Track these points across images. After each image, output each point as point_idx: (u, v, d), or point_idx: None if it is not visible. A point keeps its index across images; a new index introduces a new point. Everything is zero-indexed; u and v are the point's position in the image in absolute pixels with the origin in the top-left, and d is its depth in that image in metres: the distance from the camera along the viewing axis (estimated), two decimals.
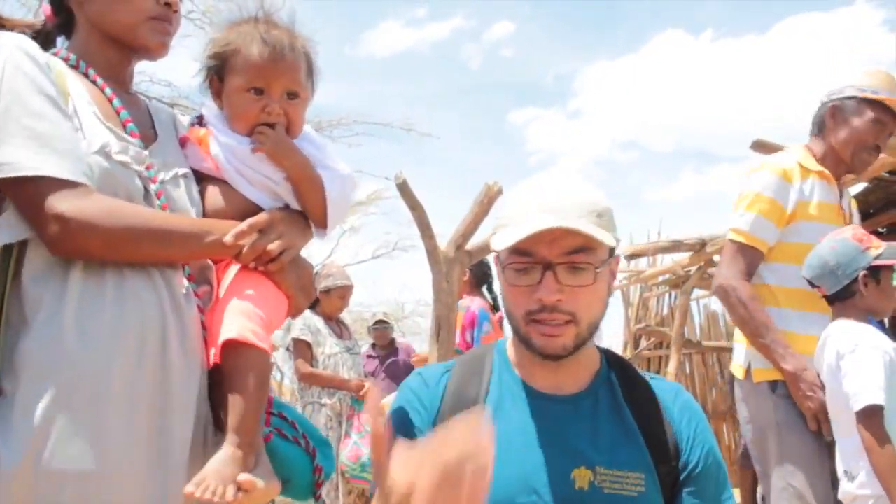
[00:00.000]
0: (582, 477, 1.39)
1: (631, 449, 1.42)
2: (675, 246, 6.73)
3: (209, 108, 1.62)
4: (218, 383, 1.44)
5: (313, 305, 5.00)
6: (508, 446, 1.39)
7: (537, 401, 1.46)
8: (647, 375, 1.56)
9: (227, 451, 1.33)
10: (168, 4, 1.49)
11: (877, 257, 2.53)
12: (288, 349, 4.99)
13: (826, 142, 2.85)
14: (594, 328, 1.45)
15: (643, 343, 9.24)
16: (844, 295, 2.57)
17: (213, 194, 1.55)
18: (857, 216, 3.02)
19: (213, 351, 1.44)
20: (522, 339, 1.44)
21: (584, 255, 1.40)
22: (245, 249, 1.44)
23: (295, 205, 1.58)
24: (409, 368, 5.58)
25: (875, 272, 2.54)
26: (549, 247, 1.39)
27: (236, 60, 1.54)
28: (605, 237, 1.39)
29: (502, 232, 1.43)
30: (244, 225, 1.44)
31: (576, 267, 1.39)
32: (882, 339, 2.47)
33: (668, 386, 1.54)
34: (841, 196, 2.86)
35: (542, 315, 1.39)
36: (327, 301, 5.11)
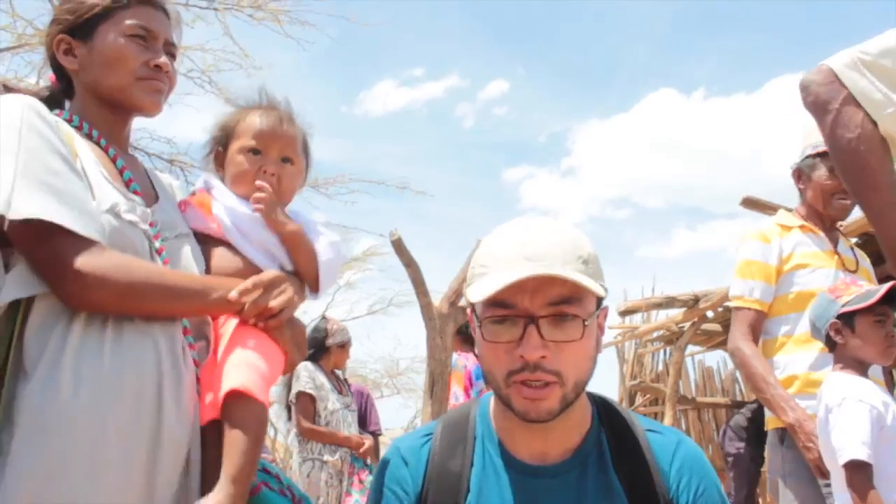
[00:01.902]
0: None
1: None
2: (669, 302, 6.78)
3: (212, 176, 1.74)
4: (209, 443, 1.45)
5: (318, 359, 5.01)
6: None
7: (520, 476, 1.36)
8: (645, 426, 1.43)
9: (215, 499, 1.34)
10: (158, 67, 1.56)
11: (845, 304, 2.53)
12: (289, 405, 4.93)
13: (803, 201, 3.07)
14: (581, 388, 1.33)
15: (638, 399, 9.21)
16: (832, 347, 2.60)
17: (217, 254, 1.63)
18: (866, 262, 3.12)
19: (207, 400, 1.47)
20: (504, 402, 1.32)
21: (571, 306, 1.28)
22: (248, 306, 1.49)
23: (289, 266, 1.67)
24: (362, 414, 5.43)
25: (848, 320, 2.54)
26: (531, 298, 1.26)
27: (240, 128, 1.70)
28: (592, 285, 1.27)
29: (479, 281, 1.30)
30: (249, 283, 1.49)
31: (562, 319, 1.27)
32: (871, 391, 2.45)
33: (667, 441, 1.40)
34: (837, 243, 3.00)
35: (524, 375, 1.26)
36: (340, 354, 5.13)
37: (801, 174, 3.02)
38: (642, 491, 1.34)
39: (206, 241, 1.65)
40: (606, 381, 10.04)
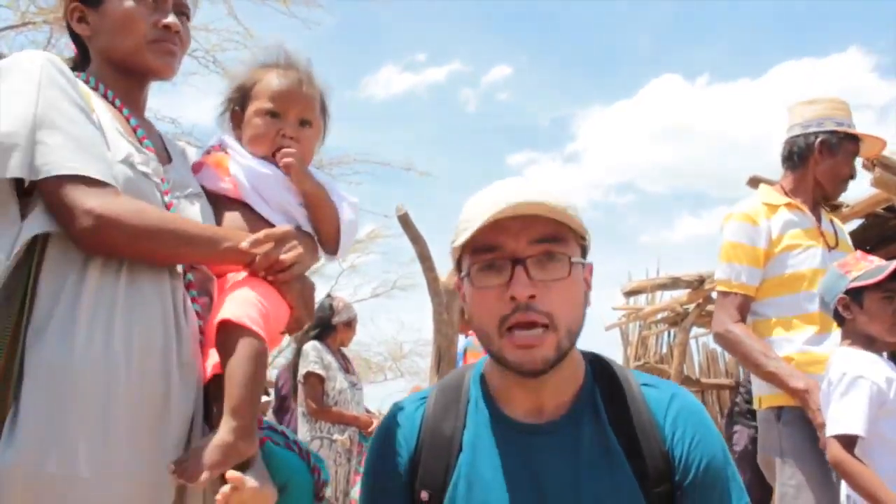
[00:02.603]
0: None
1: (616, 480, 1.32)
2: (674, 283, 6.77)
3: (228, 136, 1.72)
4: (214, 397, 1.45)
5: (324, 336, 5.01)
6: (487, 488, 1.34)
7: (514, 434, 1.37)
8: (641, 381, 1.43)
9: (217, 436, 1.32)
10: (167, 27, 1.55)
11: (854, 279, 2.53)
12: (296, 385, 4.91)
13: (804, 173, 2.98)
14: (574, 336, 1.32)
15: None
16: (840, 322, 2.60)
17: (231, 215, 1.62)
18: (844, 234, 3.11)
19: (210, 358, 1.46)
20: (497, 357, 1.32)
21: (556, 244, 1.29)
22: (258, 258, 1.48)
23: (307, 227, 1.66)
24: None
25: (857, 295, 2.54)
26: (515, 238, 1.28)
27: (257, 89, 1.68)
28: (575, 218, 1.30)
29: (463, 233, 1.32)
30: (261, 234, 1.49)
31: (548, 259, 1.29)
32: (874, 367, 2.45)
33: (661, 395, 1.40)
34: (820, 220, 2.97)
35: (517, 317, 1.26)
36: (347, 332, 5.14)
37: (823, 147, 2.92)
38: (638, 445, 1.34)
39: (220, 202, 1.64)
40: None
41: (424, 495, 1.38)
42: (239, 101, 1.72)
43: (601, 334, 8.95)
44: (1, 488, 1.21)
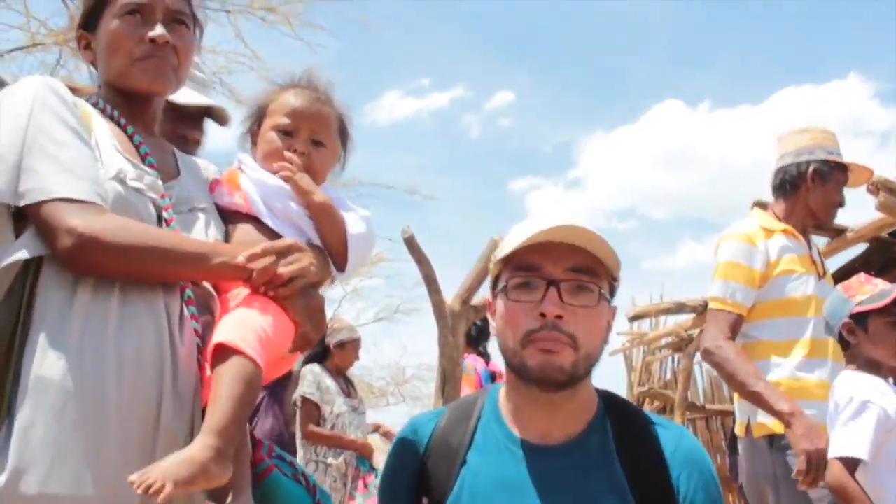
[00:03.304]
0: None
1: None
2: (679, 307, 6.75)
3: (245, 154, 1.72)
4: None
5: (323, 359, 4.98)
6: (488, 502, 1.38)
7: (521, 453, 1.40)
8: (652, 419, 1.49)
9: (189, 451, 1.24)
10: (153, 41, 1.50)
11: (859, 304, 2.51)
12: (294, 404, 4.89)
13: (795, 200, 3.01)
14: (591, 363, 1.40)
15: (647, 407, 9.16)
16: (845, 346, 2.59)
17: (242, 229, 1.59)
18: (825, 265, 3.14)
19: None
20: (517, 367, 1.39)
21: (589, 276, 1.39)
22: (255, 273, 1.43)
23: (317, 241, 1.62)
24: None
25: (861, 320, 2.51)
26: (554, 263, 1.38)
27: (273, 106, 1.68)
28: (610, 260, 1.40)
29: (507, 248, 1.42)
30: (258, 248, 1.44)
31: (580, 288, 1.38)
32: (881, 392, 2.43)
33: (672, 433, 1.45)
34: (811, 248, 3.01)
35: (543, 334, 1.35)
36: (341, 355, 5.06)
37: (816, 175, 2.97)
38: (644, 478, 1.38)
39: (233, 218, 1.62)
40: (614, 389, 9.98)
41: (425, 502, 1.46)
42: (256, 120, 1.73)
43: (605, 360, 8.88)
44: None
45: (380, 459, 4.54)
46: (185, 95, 2.03)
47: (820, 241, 4.57)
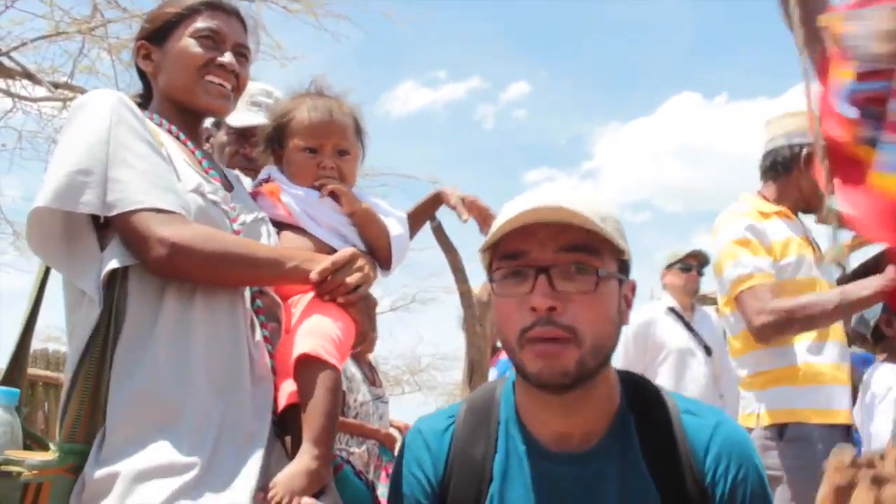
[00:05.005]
0: None
1: None
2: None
3: (273, 169, 1.80)
4: (288, 421, 1.50)
5: None
6: None
7: (544, 464, 1.29)
8: (681, 407, 1.34)
9: (301, 462, 1.38)
10: (222, 66, 1.61)
11: None
12: None
13: (787, 183, 2.89)
14: (602, 354, 1.24)
15: None
16: (878, 338, 2.58)
17: (288, 238, 1.70)
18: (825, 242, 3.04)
19: (283, 387, 1.51)
20: (519, 369, 1.25)
21: (584, 255, 1.22)
22: (327, 283, 1.54)
23: (360, 245, 1.73)
24: None
25: None
26: (542, 245, 1.22)
27: (292, 126, 1.75)
28: (607, 233, 1.21)
29: (490, 237, 1.28)
30: (328, 262, 1.54)
31: (576, 270, 1.21)
32: None
33: (705, 423, 1.31)
34: (804, 230, 2.92)
35: (537, 331, 1.19)
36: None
37: (810, 158, 2.78)
38: (674, 482, 1.26)
39: (278, 227, 1.71)
40: None
41: None
42: (277, 140, 1.80)
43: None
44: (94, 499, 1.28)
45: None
46: (249, 118, 2.27)
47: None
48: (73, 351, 1.40)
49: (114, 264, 1.39)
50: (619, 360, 3.99)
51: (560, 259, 1.21)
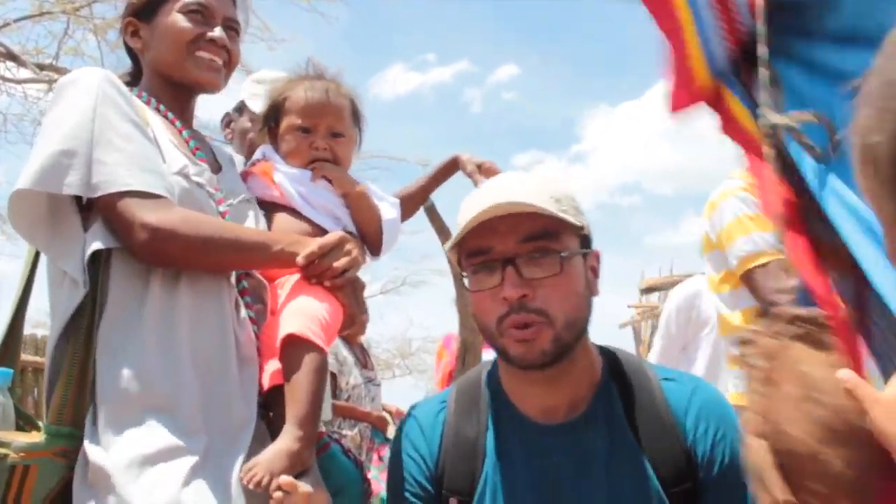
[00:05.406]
0: None
1: (634, 481, 1.30)
2: None
3: (268, 148, 1.78)
4: (276, 405, 1.48)
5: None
6: (509, 494, 1.35)
7: (532, 437, 1.36)
8: (660, 375, 1.40)
9: (282, 443, 1.36)
10: (212, 40, 1.59)
11: None
12: None
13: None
14: (576, 329, 1.31)
15: None
16: None
17: (280, 219, 1.68)
18: None
19: (267, 367, 1.50)
20: (501, 353, 1.33)
21: (546, 241, 1.29)
22: (313, 267, 1.52)
23: (352, 228, 1.71)
24: None
25: None
26: (503, 239, 1.29)
27: (288, 105, 1.73)
28: (563, 216, 1.28)
29: (453, 237, 1.35)
30: (315, 247, 1.51)
31: (540, 256, 1.28)
32: None
33: (683, 388, 1.37)
34: None
35: (512, 318, 1.27)
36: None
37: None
38: (658, 444, 1.32)
39: (270, 208, 1.69)
40: None
41: (454, 502, 1.39)
42: (272, 118, 1.78)
43: (614, 332, 8.94)
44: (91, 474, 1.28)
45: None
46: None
47: None
48: (55, 330, 1.39)
49: (97, 245, 1.37)
50: (659, 336, 3.90)
51: (523, 249, 1.28)
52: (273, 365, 1.49)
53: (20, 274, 1.54)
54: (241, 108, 2.55)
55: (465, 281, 1.35)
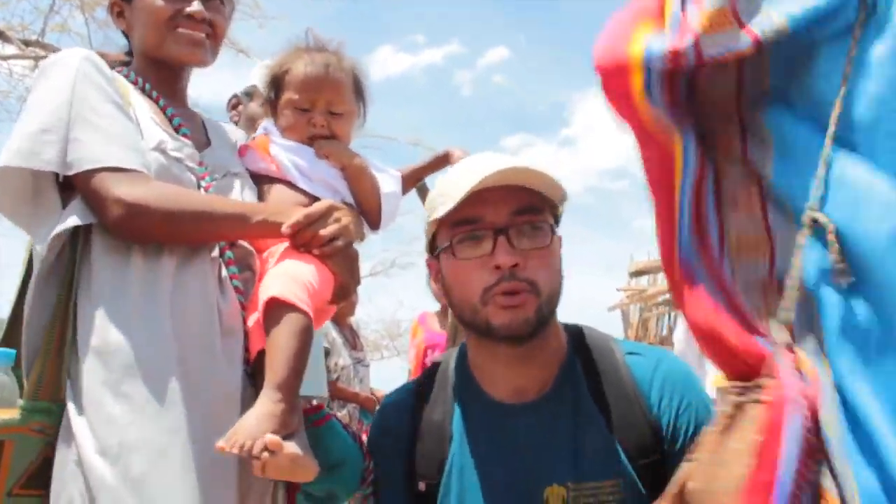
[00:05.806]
0: (555, 496, 1.31)
1: (602, 455, 1.31)
2: None
3: (269, 123, 1.75)
4: (260, 373, 1.45)
5: None
6: (475, 475, 1.35)
7: (497, 417, 1.38)
8: (626, 349, 1.42)
9: (263, 407, 1.31)
10: (191, 15, 1.55)
11: None
12: None
13: None
14: (554, 304, 1.34)
15: None
16: None
17: (276, 192, 1.65)
18: None
19: (251, 321, 1.47)
20: (481, 327, 1.32)
21: (535, 215, 1.32)
22: (298, 236, 1.48)
23: (350, 200, 1.68)
24: None
25: None
26: (496, 209, 1.31)
27: (287, 79, 1.69)
28: (555, 190, 1.33)
29: (441, 206, 1.33)
30: (300, 216, 1.47)
31: (529, 228, 1.31)
32: None
33: (647, 361, 1.39)
34: None
35: (502, 286, 1.28)
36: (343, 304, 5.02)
37: None
38: (623, 419, 1.33)
39: (267, 181, 1.67)
40: None
41: (422, 486, 1.40)
42: (273, 91, 1.75)
43: (602, 315, 8.98)
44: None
45: None
46: None
47: None
48: (30, 300, 1.38)
49: (73, 221, 1.36)
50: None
51: (516, 220, 1.31)
52: (253, 319, 1.46)
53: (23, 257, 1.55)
54: (251, 93, 2.51)
55: (447, 249, 1.35)
